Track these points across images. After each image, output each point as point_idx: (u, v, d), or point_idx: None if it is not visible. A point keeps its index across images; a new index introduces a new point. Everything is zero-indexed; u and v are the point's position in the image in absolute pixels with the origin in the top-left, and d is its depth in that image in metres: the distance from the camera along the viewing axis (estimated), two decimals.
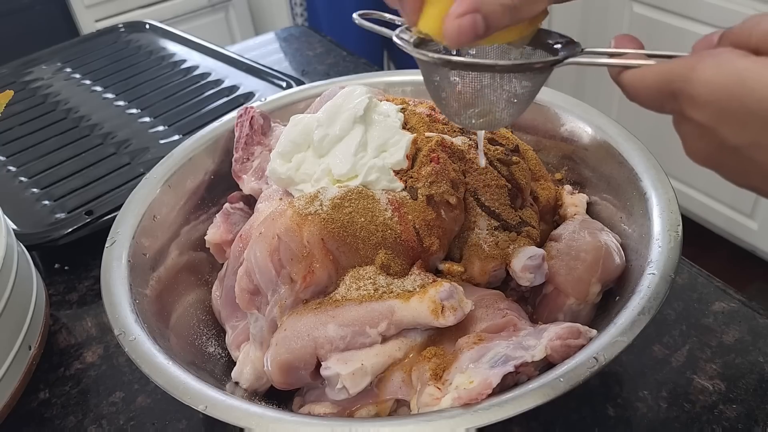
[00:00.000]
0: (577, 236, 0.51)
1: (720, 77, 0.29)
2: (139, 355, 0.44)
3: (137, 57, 1.13)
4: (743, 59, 0.29)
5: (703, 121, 0.30)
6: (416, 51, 0.37)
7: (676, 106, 0.32)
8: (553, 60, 0.36)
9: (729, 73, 0.29)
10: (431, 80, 0.40)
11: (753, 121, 0.29)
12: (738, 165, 0.31)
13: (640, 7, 1.58)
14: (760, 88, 0.28)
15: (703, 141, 0.32)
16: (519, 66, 0.37)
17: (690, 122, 0.31)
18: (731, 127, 0.30)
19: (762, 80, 0.28)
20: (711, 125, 0.30)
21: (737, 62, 0.29)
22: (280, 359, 0.45)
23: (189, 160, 0.62)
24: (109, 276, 0.50)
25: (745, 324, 0.55)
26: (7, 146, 0.91)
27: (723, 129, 0.30)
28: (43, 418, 0.55)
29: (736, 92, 0.29)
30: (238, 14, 2.31)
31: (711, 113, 0.30)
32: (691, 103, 0.30)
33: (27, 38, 1.89)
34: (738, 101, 0.29)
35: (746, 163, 0.31)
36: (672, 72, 0.31)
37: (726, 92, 0.29)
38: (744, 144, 0.30)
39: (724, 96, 0.29)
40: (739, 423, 0.48)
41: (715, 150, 0.31)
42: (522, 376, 0.40)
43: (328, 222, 0.46)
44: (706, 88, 0.29)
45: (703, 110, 0.30)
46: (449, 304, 0.43)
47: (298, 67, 1.10)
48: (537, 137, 0.63)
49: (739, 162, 0.31)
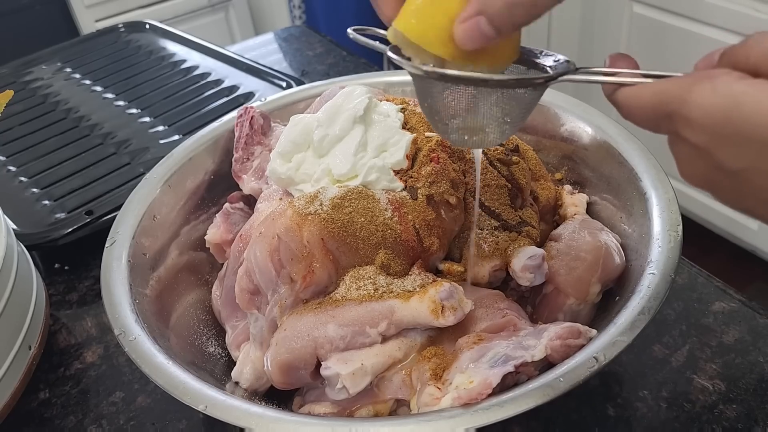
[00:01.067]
0: (577, 236, 0.51)
1: (716, 100, 0.29)
2: (139, 355, 0.44)
3: (137, 57, 1.13)
4: (739, 83, 0.28)
5: (698, 143, 0.30)
6: (410, 65, 0.37)
7: (671, 127, 0.31)
8: (547, 76, 0.36)
9: (725, 96, 0.28)
10: (424, 97, 0.39)
11: (749, 146, 0.28)
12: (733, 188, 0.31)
13: (640, 8, 1.58)
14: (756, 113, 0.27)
15: (699, 163, 0.31)
16: (513, 81, 0.36)
17: (685, 144, 0.31)
18: (727, 151, 0.29)
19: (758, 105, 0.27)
20: (706, 148, 0.30)
21: (733, 86, 0.28)
22: (280, 359, 0.45)
23: (189, 160, 0.62)
24: (109, 276, 0.50)
25: (745, 324, 0.55)
26: (7, 146, 0.91)
27: (718, 152, 0.29)
28: (43, 418, 0.55)
29: (732, 116, 0.28)
30: (238, 14, 2.31)
31: (707, 136, 0.30)
32: (687, 125, 0.30)
33: (27, 38, 1.89)
34: (734, 125, 0.28)
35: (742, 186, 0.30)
36: (668, 92, 0.31)
37: (722, 116, 0.29)
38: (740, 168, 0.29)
39: (720, 120, 0.29)
40: (739, 423, 0.48)
41: (711, 172, 0.31)
42: (522, 376, 0.40)
43: (328, 222, 0.46)
44: (702, 111, 0.29)
45: (699, 133, 0.30)
46: (449, 304, 0.43)
47: (298, 67, 1.10)
48: (537, 137, 0.63)
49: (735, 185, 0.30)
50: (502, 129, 0.39)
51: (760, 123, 0.27)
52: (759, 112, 0.27)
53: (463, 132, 0.39)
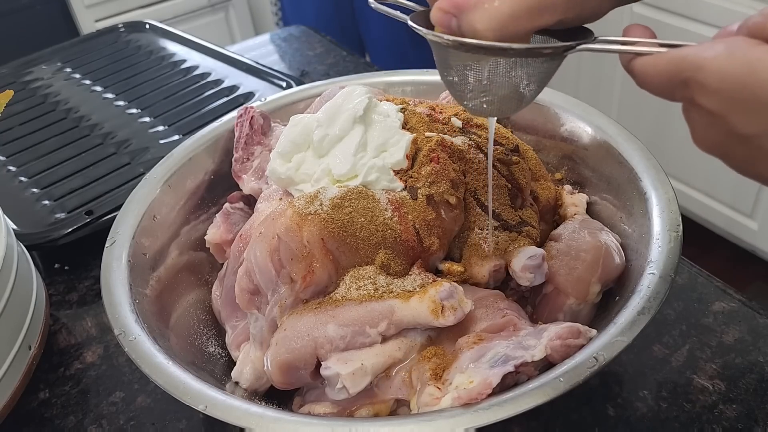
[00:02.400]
0: (577, 236, 0.51)
1: (731, 66, 0.29)
2: (139, 355, 0.44)
3: (137, 57, 1.13)
4: (755, 48, 0.29)
5: (713, 108, 0.30)
6: (431, 33, 0.37)
7: (686, 94, 0.32)
8: (566, 45, 0.36)
9: (740, 62, 0.29)
10: (443, 63, 0.40)
11: (762, 111, 0.29)
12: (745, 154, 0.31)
13: (639, 7, 1.58)
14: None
15: (712, 129, 0.32)
16: (533, 50, 0.36)
17: (700, 110, 0.31)
18: (741, 116, 0.30)
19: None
20: (721, 113, 0.30)
21: (749, 52, 0.29)
22: (280, 359, 0.45)
23: (189, 160, 0.62)
24: (109, 276, 0.50)
25: (745, 324, 0.55)
26: (7, 146, 0.91)
27: (732, 117, 0.30)
28: (43, 418, 0.55)
29: (746, 81, 0.29)
30: (238, 14, 2.31)
31: (721, 101, 0.30)
32: (702, 91, 0.31)
33: (27, 38, 1.89)
34: (748, 90, 0.29)
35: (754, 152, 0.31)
36: (684, 59, 0.31)
37: (737, 81, 0.29)
38: (753, 133, 0.30)
39: (735, 85, 0.29)
40: (739, 423, 0.48)
41: (724, 138, 0.31)
42: (522, 376, 0.40)
43: (328, 222, 0.46)
44: (717, 76, 0.30)
45: (713, 98, 0.30)
46: (449, 304, 0.43)
47: (298, 67, 1.10)
48: (537, 137, 0.63)
49: (747, 151, 0.31)
50: (520, 98, 0.40)
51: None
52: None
53: (482, 101, 0.39)
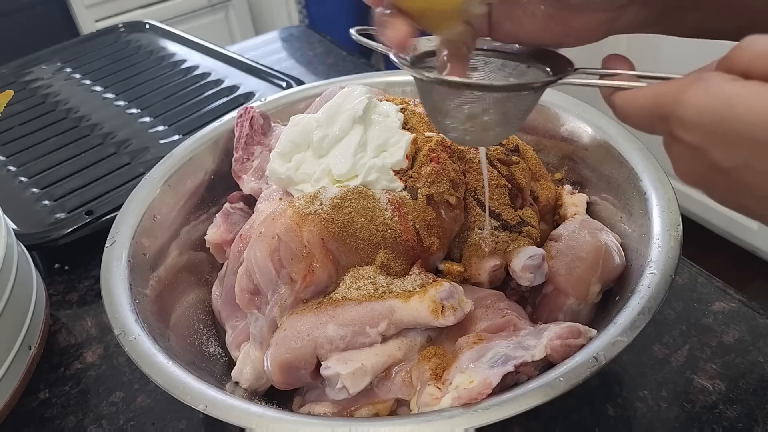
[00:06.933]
0: (577, 236, 0.51)
1: (708, 101, 0.30)
2: (139, 355, 0.44)
3: (137, 57, 1.13)
4: (731, 84, 0.29)
5: (692, 142, 0.31)
6: (413, 70, 0.38)
7: (666, 128, 0.33)
8: (546, 81, 0.38)
9: (717, 96, 0.29)
10: (425, 98, 0.41)
11: (742, 144, 0.29)
12: (727, 186, 0.32)
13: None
14: (747, 113, 0.28)
15: (694, 162, 0.32)
16: (513, 86, 0.39)
17: (680, 143, 0.32)
18: (720, 149, 0.30)
19: (749, 105, 0.28)
20: (701, 147, 0.31)
21: (725, 86, 0.29)
22: (280, 359, 0.45)
23: (189, 160, 0.62)
24: (109, 276, 0.50)
25: (745, 324, 0.55)
26: (7, 146, 0.91)
27: (712, 151, 0.30)
28: (43, 418, 0.55)
29: (724, 116, 0.29)
30: (238, 14, 2.31)
31: (700, 135, 0.30)
32: (681, 125, 0.31)
33: (27, 38, 1.89)
34: (726, 124, 0.29)
35: (735, 185, 0.31)
36: (663, 95, 0.32)
37: (715, 116, 0.29)
38: (733, 165, 0.30)
39: (713, 119, 0.30)
40: (739, 423, 0.48)
41: (706, 171, 0.32)
42: (522, 376, 0.40)
43: (328, 222, 0.46)
44: (695, 111, 0.30)
45: (692, 132, 0.31)
46: (449, 303, 0.43)
47: (299, 67, 1.10)
48: (537, 137, 0.63)
49: (729, 183, 0.31)
50: (503, 129, 0.41)
51: (752, 122, 0.28)
52: (750, 111, 0.28)
53: (464, 132, 0.40)
